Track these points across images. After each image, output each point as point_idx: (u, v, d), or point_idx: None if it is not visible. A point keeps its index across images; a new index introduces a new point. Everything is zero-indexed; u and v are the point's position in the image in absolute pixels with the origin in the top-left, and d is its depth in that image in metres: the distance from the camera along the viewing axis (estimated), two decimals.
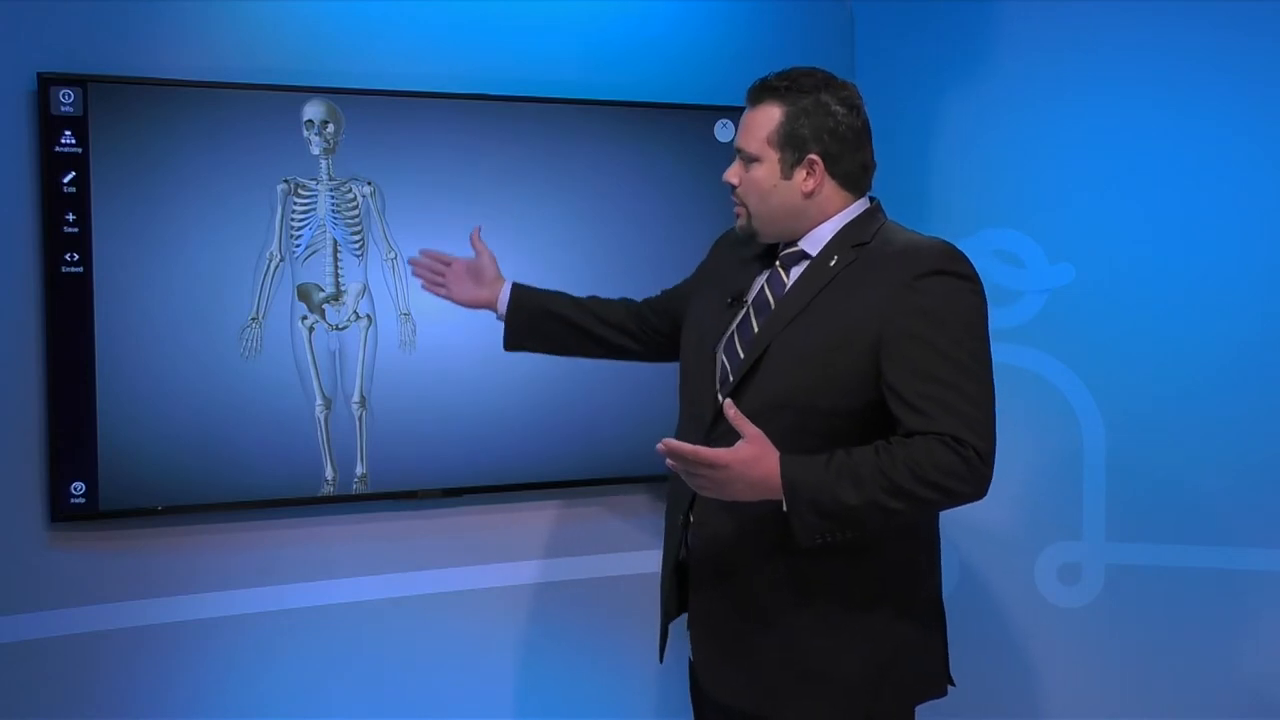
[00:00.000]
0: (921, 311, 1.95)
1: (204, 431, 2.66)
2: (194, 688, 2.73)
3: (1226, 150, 2.97)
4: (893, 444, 1.92)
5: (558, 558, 3.05)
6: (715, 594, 2.12)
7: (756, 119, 2.08)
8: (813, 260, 2.09)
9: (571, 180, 2.92)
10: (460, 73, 2.87)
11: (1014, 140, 3.11)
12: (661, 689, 3.12)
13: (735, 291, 2.17)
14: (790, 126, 2.05)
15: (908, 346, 1.94)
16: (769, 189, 2.08)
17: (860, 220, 2.09)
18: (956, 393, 1.92)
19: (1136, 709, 3.06)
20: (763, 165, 2.07)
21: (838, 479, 1.91)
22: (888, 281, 1.98)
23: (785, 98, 2.05)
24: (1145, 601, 3.05)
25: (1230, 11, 2.94)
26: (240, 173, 2.66)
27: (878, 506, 1.91)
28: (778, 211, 2.09)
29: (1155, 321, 3.01)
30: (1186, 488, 3.01)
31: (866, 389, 1.98)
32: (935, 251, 2.00)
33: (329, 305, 2.76)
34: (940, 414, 1.90)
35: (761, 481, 1.92)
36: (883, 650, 2.06)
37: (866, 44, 3.25)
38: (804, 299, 2.06)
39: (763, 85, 2.09)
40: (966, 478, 1.90)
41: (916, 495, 1.90)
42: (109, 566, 2.65)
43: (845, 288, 2.03)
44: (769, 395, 2.03)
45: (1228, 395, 2.97)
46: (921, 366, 1.93)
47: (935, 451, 1.89)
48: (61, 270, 2.54)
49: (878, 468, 1.90)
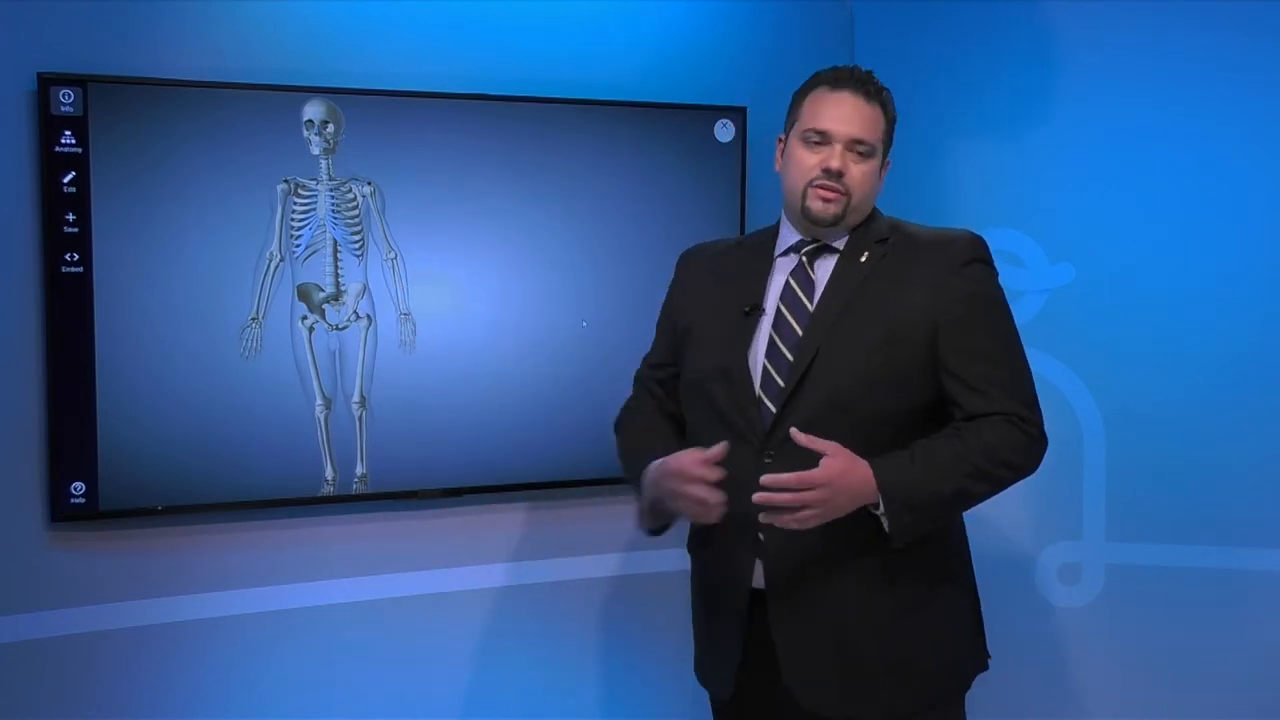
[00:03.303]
0: (970, 298, 2.07)
1: (204, 431, 2.66)
2: (194, 688, 2.73)
3: (1227, 150, 2.97)
4: (963, 429, 2.02)
5: (558, 558, 3.05)
6: (808, 607, 2.08)
7: (873, 115, 2.12)
8: (841, 255, 2.12)
9: (571, 180, 2.92)
10: (460, 73, 2.86)
11: (1014, 140, 3.11)
12: (662, 689, 3.11)
13: (749, 300, 2.15)
14: (890, 132, 2.15)
15: (962, 332, 2.04)
16: (875, 184, 2.14)
17: (872, 215, 2.17)
18: (1010, 372, 2.05)
19: (1136, 709, 3.05)
20: (874, 160, 2.12)
21: (925, 472, 1.98)
22: (932, 272, 2.07)
23: (886, 104, 2.14)
24: (1145, 601, 3.05)
25: (1231, 11, 2.94)
26: (240, 173, 2.66)
27: (964, 493, 2.01)
28: (866, 205, 2.15)
29: (1155, 321, 3.01)
30: (1186, 488, 3.01)
31: (925, 380, 2.05)
32: (969, 240, 2.12)
33: (329, 305, 2.76)
34: (999, 394, 2.02)
35: (858, 490, 1.96)
36: (964, 630, 2.17)
37: (866, 44, 3.25)
38: (844, 295, 2.08)
39: (874, 83, 2.14)
40: (1032, 452, 2.05)
41: (994, 476, 2.02)
42: (109, 566, 2.65)
43: (886, 281, 2.08)
44: (825, 397, 2.03)
45: (1228, 395, 2.97)
46: (977, 350, 2.04)
47: (1001, 430, 2.01)
48: (61, 270, 2.54)
49: (957, 454, 1.99)
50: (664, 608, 3.11)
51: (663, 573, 3.10)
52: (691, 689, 2.39)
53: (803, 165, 2.11)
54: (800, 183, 2.11)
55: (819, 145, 2.10)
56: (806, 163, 2.11)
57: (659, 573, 3.09)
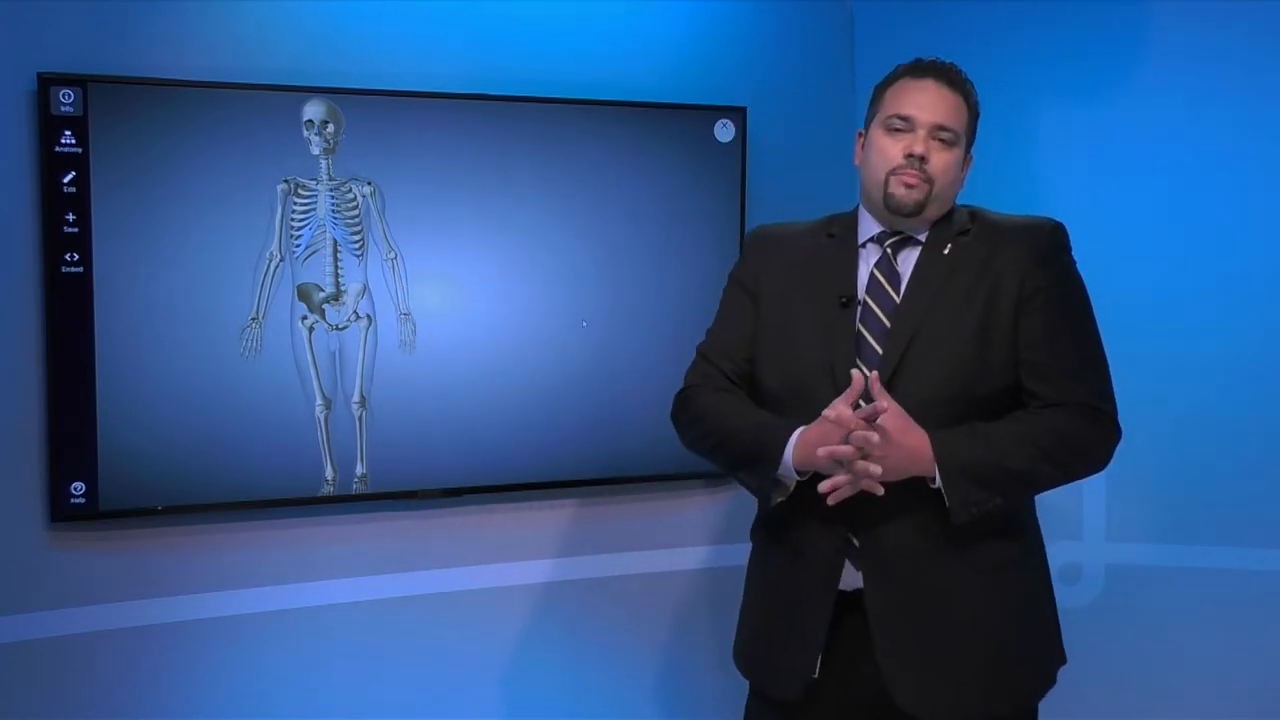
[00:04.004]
0: (1053, 288, 2.06)
1: (204, 431, 2.66)
2: (194, 688, 2.73)
3: (1228, 150, 2.97)
4: (1032, 413, 2.01)
5: (558, 558, 3.05)
6: (911, 608, 2.04)
7: (956, 103, 2.10)
8: (924, 247, 2.11)
9: (571, 180, 2.92)
10: (460, 73, 2.86)
11: (1014, 140, 3.11)
12: (663, 689, 3.12)
13: (843, 290, 2.09)
14: (973, 125, 2.14)
15: (1044, 321, 2.04)
16: (957, 172, 2.12)
17: (953, 208, 2.15)
18: (1086, 362, 2.06)
19: (1136, 709, 3.05)
20: (958, 148, 2.11)
21: (987, 446, 1.97)
22: (1017, 262, 2.06)
23: (969, 94, 2.13)
24: (1145, 601, 3.05)
25: (1232, 10, 2.94)
26: (240, 173, 2.66)
27: (1030, 473, 2.00)
28: (949, 194, 2.12)
29: (1155, 321, 3.01)
30: (1186, 488, 3.01)
31: (1013, 370, 2.04)
32: (1053, 229, 2.11)
33: (329, 305, 2.76)
34: (1072, 383, 2.03)
35: (912, 452, 1.94)
36: (1051, 624, 2.17)
37: (866, 44, 3.25)
38: (932, 287, 2.06)
39: (958, 73, 2.12)
40: (1105, 444, 2.06)
41: (1063, 461, 2.02)
42: (109, 566, 2.65)
43: (972, 271, 2.07)
44: (919, 389, 2.00)
45: (1228, 395, 2.97)
46: (1056, 339, 2.04)
47: (1075, 418, 2.01)
48: (61, 270, 2.54)
49: (1023, 434, 1.99)
50: (667, 607, 3.11)
51: (663, 573, 3.11)
52: (694, 687, 2.38)
53: (885, 153, 2.08)
54: (882, 170, 2.08)
55: (902, 132, 2.08)
56: (889, 150, 2.08)
57: (659, 573, 3.10)
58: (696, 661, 3.11)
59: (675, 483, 3.07)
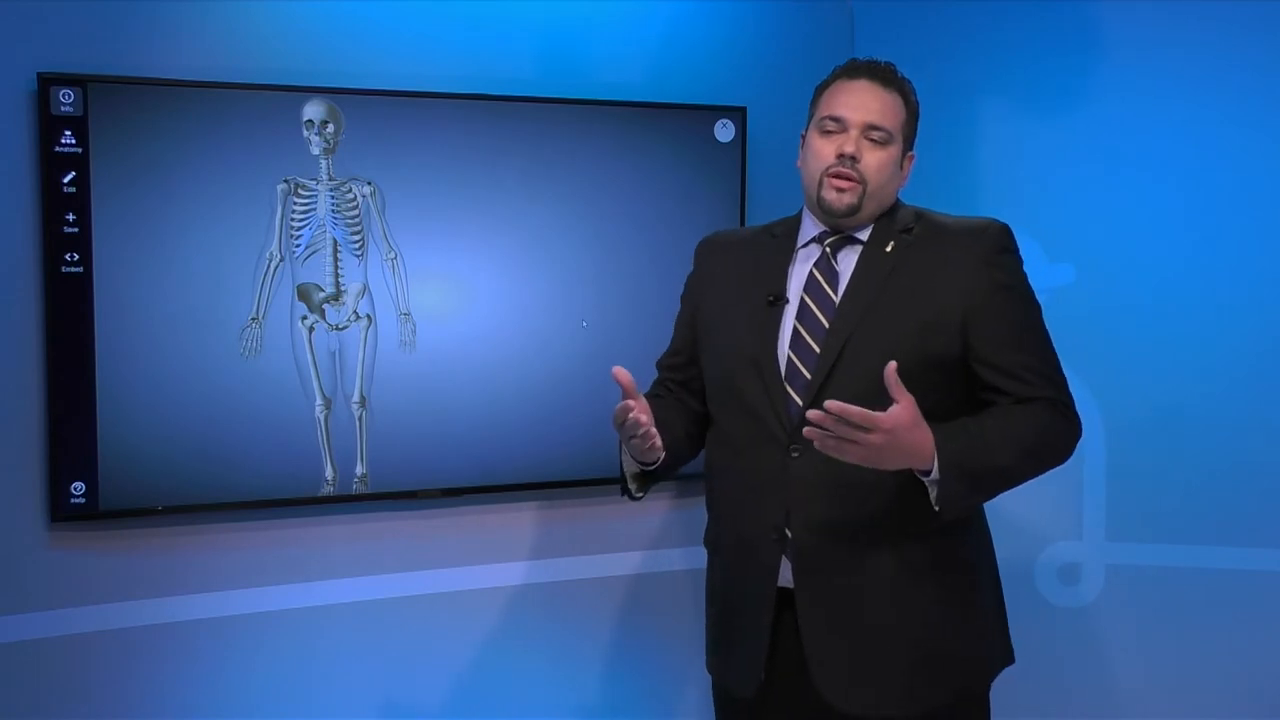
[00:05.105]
0: (1003, 287, 2.07)
1: (204, 431, 2.66)
2: (193, 687, 2.73)
3: (1228, 150, 2.96)
4: (1013, 410, 2.03)
5: (558, 558, 3.05)
6: (838, 603, 2.06)
7: (890, 102, 2.10)
8: (865, 246, 2.11)
9: (571, 180, 2.92)
10: (460, 73, 2.86)
11: (1014, 139, 3.11)
12: (663, 689, 3.11)
13: (772, 289, 2.12)
14: (911, 123, 2.14)
15: (998, 321, 2.05)
16: (892, 172, 2.12)
17: (896, 206, 2.16)
18: (1045, 360, 2.08)
19: (1136, 709, 3.05)
20: (892, 147, 2.11)
21: (981, 444, 1.98)
22: (964, 262, 2.06)
23: (905, 93, 2.13)
24: (1145, 601, 3.05)
25: (1233, 10, 2.94)
26: (240, 173, 2.66)
27: (1014, 470, 2.03)
28: (885, 194, 2.12)
29: (1155, 321, 3.01)
30: (1186, 488, 3.01)
31: (956, 370, 2.05)
32: (998, 230, 2.11)
33: (329, 305, 2.76)
34: (1039, 380, 2.05)
35: (914, 449, 1.93)
36: (989, 622, 2.16)
37: (866, 44, 3.25)
38: (872, 286, 2.07)
39: (892, 72, 2.13)
40: (1074, 440, 2.08)
41: (1043, 457, 2.04)
42: (109, 566, 2.65)
43: (914, 271, 2.07)
44: (856, 388, 1.98)
45: (1228, 395, 2.97)
46: (1014, 339, 2.05)
47: (1049, 415, 2.04)
48: (61, 270, 2.54)
49: (1011, 432, 2.00)
50: (665, 607, 3.11)
51: (663, 572, 3.11)
52: (691, 688, 2.38)
53: (819, 153, 2.10)
54: (816, 172, 2.10)
55: (834, 133, 2.09)
56: (823, 150, 2.09)
57: (659, 572, 3.10)
58: (702, 661, 3.10)
59: (675, 483, 3.07)
